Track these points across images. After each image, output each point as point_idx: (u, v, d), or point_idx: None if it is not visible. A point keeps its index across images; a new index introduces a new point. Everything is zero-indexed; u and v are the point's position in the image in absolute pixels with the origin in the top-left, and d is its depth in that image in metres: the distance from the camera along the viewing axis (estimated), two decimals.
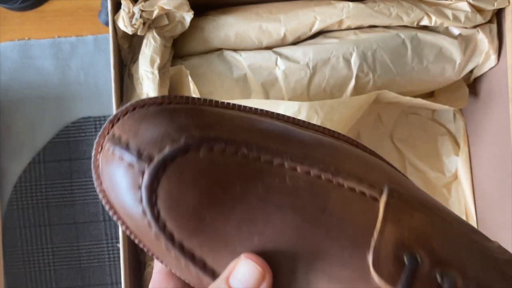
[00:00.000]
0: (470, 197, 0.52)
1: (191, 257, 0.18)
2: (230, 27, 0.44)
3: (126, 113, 0.19)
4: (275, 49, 0.45)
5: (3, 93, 0.54)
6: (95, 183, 0.20)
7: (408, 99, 0.45)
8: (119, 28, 0.41)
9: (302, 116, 0.42)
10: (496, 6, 0.43)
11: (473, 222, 0.51)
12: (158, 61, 0.41)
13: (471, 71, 0.47)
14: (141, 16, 0.40)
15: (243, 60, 0.45)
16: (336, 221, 0.18)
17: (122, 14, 0.40)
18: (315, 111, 0.42)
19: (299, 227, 0.18)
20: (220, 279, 0.18)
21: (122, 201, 0.19)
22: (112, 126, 0.19)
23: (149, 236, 0.19)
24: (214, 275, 0.19)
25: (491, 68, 0.46)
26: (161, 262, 0.20)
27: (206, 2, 0.44)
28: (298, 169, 0.19)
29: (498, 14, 0.45)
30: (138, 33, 0.41)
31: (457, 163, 0.52)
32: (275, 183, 0.18)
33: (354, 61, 0.44)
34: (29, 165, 0.54)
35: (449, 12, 0.43)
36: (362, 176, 0.19)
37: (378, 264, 0.17)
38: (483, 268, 0.19)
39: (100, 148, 0.19)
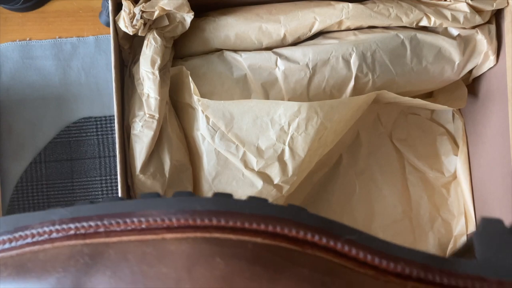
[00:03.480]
0: (469, 197, 0.52)
1: None
2: (230, 27, 0.44)
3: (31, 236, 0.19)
4: (275, 50, 0.45)
5: (4, 94, 0.54)
6: None
7: (407, 99, 0.46)
8: (120, 29, 0.41)
9: (302, 117, 0.42)
10: (495, 6, 0.43)
11: (472, 222, 0.52)
12: (158, 61, 0.41)
13: (470, 72, 0.48)
14: (141, 17, 0.41)
15: (243, 61, 0.45)
16: None
17: (123, 14, 0.41)
18: (315, 111, 0.42)
19: None
20: None
21: None
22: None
23: None
24: None
25: (490, 69, 0.46)
26: None
27: (206, 3, 0.44)
28: None
29: (497, 15, 0.45)
30: (139, 34, 0.42)
31: (456, 163, 0.53)
32: None
33: (354, 61, 0.44)
34: (30, 165, 0.54)
35: (448, 13, 0.43)
36: None
37: None
38: None
39: None
